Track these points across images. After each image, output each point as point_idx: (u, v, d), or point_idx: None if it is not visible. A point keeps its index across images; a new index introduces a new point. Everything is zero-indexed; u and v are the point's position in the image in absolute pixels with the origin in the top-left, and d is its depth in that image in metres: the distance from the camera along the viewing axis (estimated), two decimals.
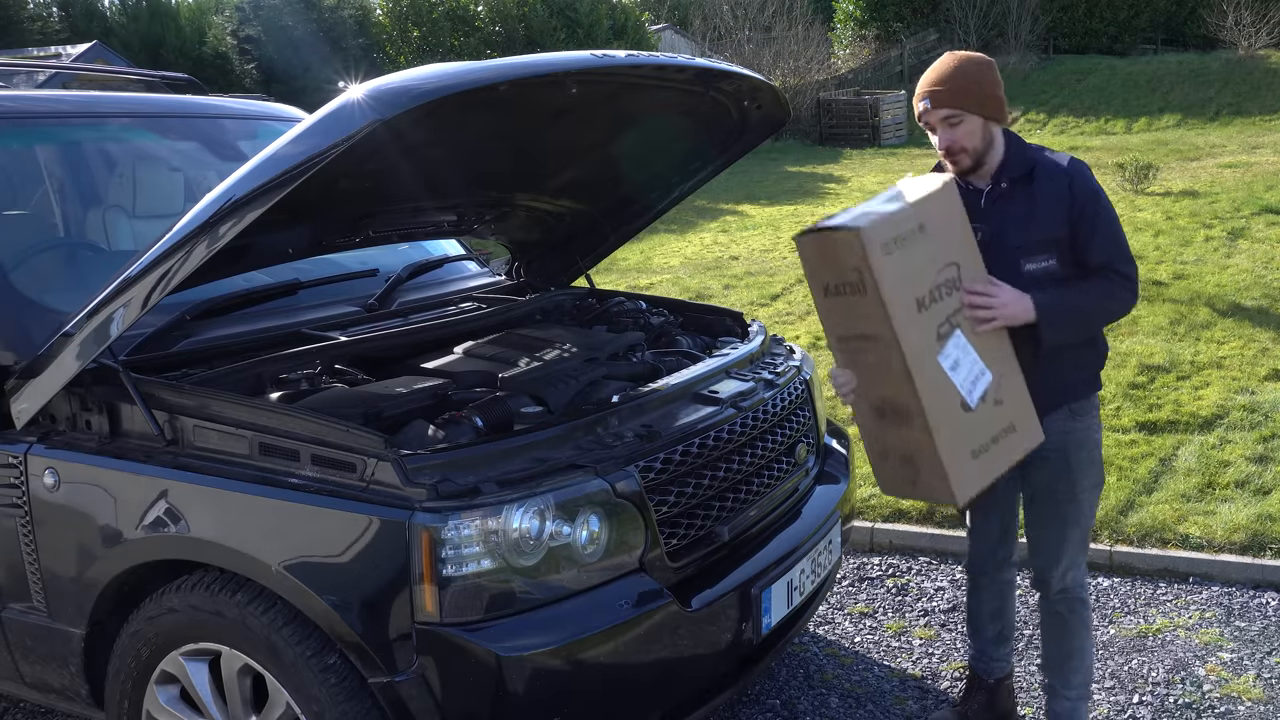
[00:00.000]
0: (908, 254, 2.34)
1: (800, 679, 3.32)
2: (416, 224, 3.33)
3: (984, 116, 2.54)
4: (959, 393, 2.38)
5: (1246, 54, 22.64)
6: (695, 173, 3.47)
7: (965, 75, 2.53)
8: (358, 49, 23.16)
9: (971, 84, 2.52)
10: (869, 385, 2.49)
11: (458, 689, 2.06)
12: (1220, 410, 5.09)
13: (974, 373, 2.42)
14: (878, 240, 2.29)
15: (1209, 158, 13.92)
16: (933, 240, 2.39)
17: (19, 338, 2.52)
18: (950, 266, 2.41)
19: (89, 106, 3.26)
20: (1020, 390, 2.51)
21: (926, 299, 2.37)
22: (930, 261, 2.38)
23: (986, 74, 2.56)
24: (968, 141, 2.54)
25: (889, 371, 2.39)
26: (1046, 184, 2.53)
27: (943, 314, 2.40)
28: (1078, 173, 2.54)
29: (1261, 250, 8.19)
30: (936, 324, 2.38)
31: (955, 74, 2.52)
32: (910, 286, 2.34)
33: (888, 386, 2.43)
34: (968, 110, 2.51)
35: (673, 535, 2.38)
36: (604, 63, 2.37)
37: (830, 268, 2.43)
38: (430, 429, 2.34)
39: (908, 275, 2.34)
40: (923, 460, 2.42)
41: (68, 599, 2.45)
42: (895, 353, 2.34)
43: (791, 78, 23.53)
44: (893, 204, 2.38)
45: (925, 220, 2.37)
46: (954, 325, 2.41)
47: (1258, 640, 3.41)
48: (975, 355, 2.43)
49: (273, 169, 2.04)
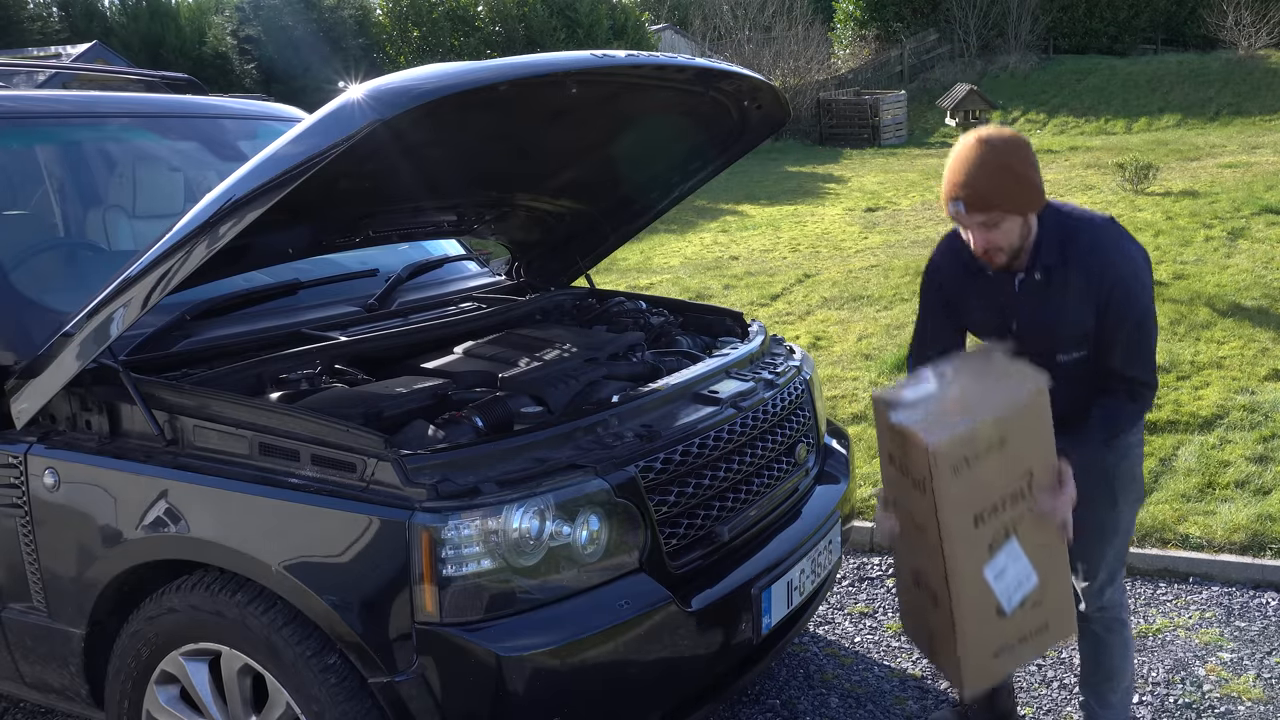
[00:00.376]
0: (979, 471, 2.23)
1: (800, 679, 3.32)
2: (416, 224, 3.33)
3: (1023, 214, 2.32)
4: (996, 599, 2.29)
5: (1246, 54, 22.64)
6: (695, 173, 3.47)
7: (1002, 173, 2.26)
8: (358, 49, 23.15)
9: (1009, 182, 2.27)
10: (909, 552, 2.45)
11: (458, 689, 2.06)
12: (1220, 410, 5.09)
13: (1019, 578, 2.33)
14: (949, 460, 2.18)
15: (1209, 158, 13.91)
16: (1010, 454, 2.26)
17: (19, 338, 2.52)
18: (1023, 477, 2.29)
19: (89, 106, 3.26)
20: (1063, 590, 2.41)
21: (987, 514, 2.26)
22: (1001, 475, 2.26)
23: (1023, 165, 2.28)
24: (1005, 241, 2.34)
25: (930, 561, 2.33)
26: (1079, 275, 2.34)
27: (1001, 525, 2.29)
28: (1110, 265, 2.32)
29: (1261, 250, 8.19)
30: (991, 536, 2.28)
31: (990, 173, 2.26)
32: (972, 503, 2.24)
33: (926, 569, 2.38)
34: (1007, 212, 2.29)
35: (673, 535, 2.38)
36: (604, 63, 2.37)
37: (896, 445, 2.33)
38: (430, 429, 2.34)
39: (973, 493, 2.24)
40: (941, 644, 2.38)
41: (68, 599, 2.45)
42: (938, 557, 2.27)
43: (791, 78, 23.53)
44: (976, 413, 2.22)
45: (1007, 434, 2.23)
46: (1010, 534, 2.30)
47: (1258, 640, 3.41)
48: (1026, 561, 2.32)
49: (273, 169, 2.04)
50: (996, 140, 2.29)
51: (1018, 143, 2.30)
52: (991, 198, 2.27)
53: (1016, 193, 2.28)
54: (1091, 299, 2.34)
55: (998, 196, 2.27)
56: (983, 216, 2.30)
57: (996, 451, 2.23)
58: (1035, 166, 2.31)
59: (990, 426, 2.21)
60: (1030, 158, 2.30)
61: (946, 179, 2.33)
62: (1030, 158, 2.30)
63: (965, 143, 2.32)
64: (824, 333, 7.08)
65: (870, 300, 7.77)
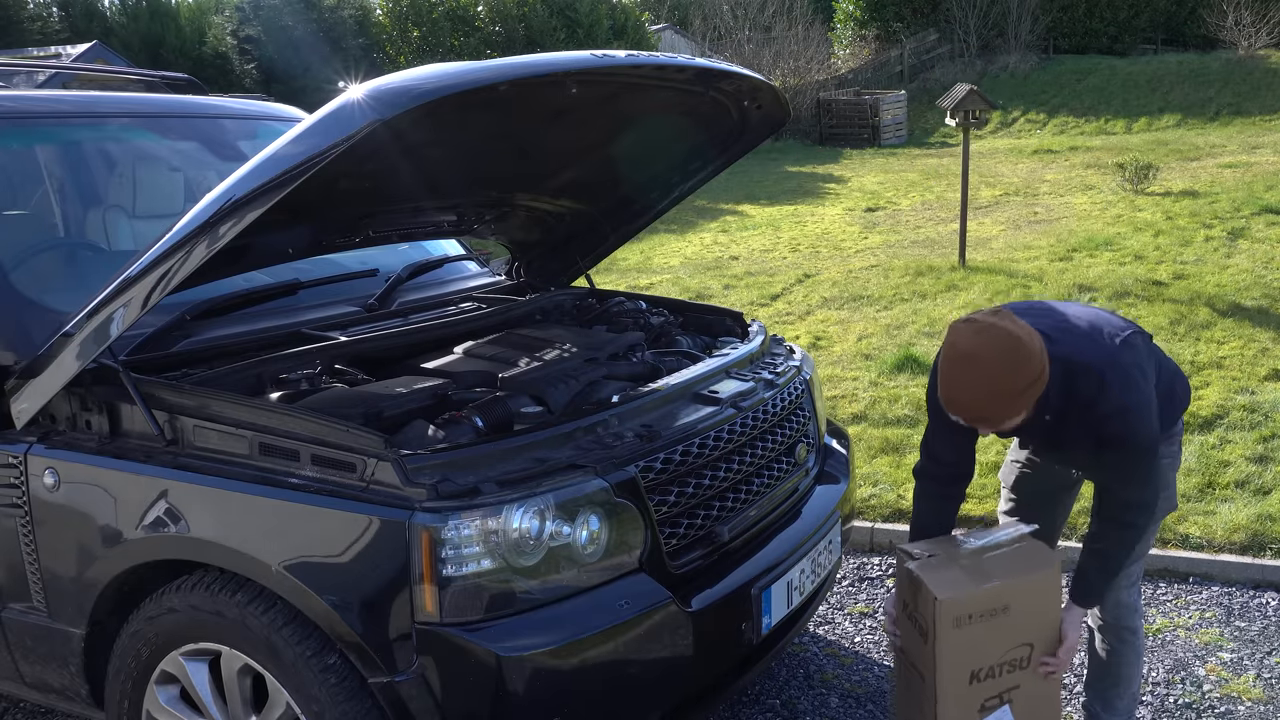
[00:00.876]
0: (979, 631, 2.35)
1: (800, 679, 3.32)
2: (416, 224, 3.33)
3: (1029, 407, 2.28)
4: None
5: (1246, 54, 22.63)
6: (695, 173, 3.47)
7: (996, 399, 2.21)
8: (358, 49, 23.15)
9: (1004, 403, 2.22)
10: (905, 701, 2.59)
11: (458, 689, 2.06)
12: (1220, 410, 5.09)
13: None
14: (952, 614, 2.32)
15: (1209, 158, 13.91)
16: (1014, 620, 2.38)
17: (19, 338, 2.52)
18: (1024, 647, 2.41)
19: (89, 106, 3.26)
20: None
21: (984, 673, 2.39)
22: (1001, 640, 2.38)
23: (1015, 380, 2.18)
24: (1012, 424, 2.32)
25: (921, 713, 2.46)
26: (1079, 428, 2.35)
27: (997, 689, 2.41)
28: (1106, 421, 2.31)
29: (1261, 250, 8.19)
30: (985, 697, 2.40)
31: (986, 399, 2.22)
32: (971, 660, 2.37)
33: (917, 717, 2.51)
34: (1012, 418, 2.27)
35: (673, 535, 2.38)
36: (604, 63, 2.37)
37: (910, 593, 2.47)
38: (430, 429, 2.34)
39: (972, 651, 2.36)
40: None
41: (68, 599, 2.45)
42: (931, 705, 2.39)
43: (791, 78, 23.52)
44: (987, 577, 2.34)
45: (1013, 602, 2.36)
46: (1005, 700, 2.42)
47: (1258, 640, 3.41)
48: None
49: (273, 169, 2.04)
50: (985, 359, 2.17)
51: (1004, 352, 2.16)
52: (991, 418, 2.26)
53: (1013, 406, 2.23)
54: (1095, 439, 2.36)
55: (997, 416, 2.25)
56: (985, 429, 2.34)
57: (1000, 616, 2.36)
58: (1026, 370, 2.17)
59: (997, 591, 2.35)
60: (1020, 362, 2.17)
61: (942, 389, 2.26)
62: (1020, 362, 2.17)
63: (955, 352, 2.22)
64: (824, 333, 7.08)
65: (870, 300, 7.77)
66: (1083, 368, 2.31)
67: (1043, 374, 2.22)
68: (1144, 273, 7.73)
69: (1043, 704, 2.48)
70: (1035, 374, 2.20)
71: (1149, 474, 2.38)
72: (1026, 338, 2.19)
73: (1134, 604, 2.66)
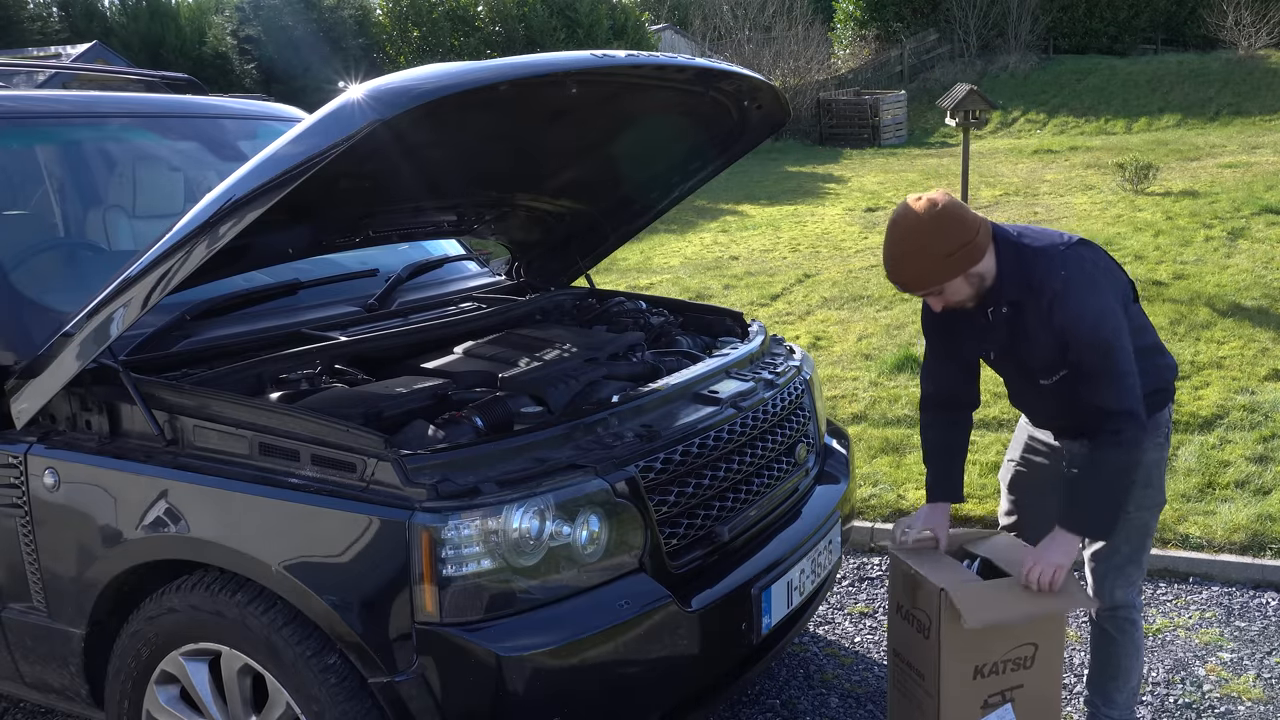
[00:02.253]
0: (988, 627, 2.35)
1: (800, 679, 3.32)
2: (416, 224, 3.33)
3: (961, 273, 2.37)
4: None
5: (1246, 54, 22.63)
6: (695, 173, 3.47)
7: (919, 257, 2.34)
8: (358, 49, 23.15)
9: (929, 264, 2.35)
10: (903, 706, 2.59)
11: (458, 689, 2.06)
12: (1220, 410, 5.09)
13: None
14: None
15: (1209, 158, 13.91)
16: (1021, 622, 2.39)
17: (19, 338, 2.52)
18: (1028, 646, 2.40)
19: (89, 106, 3.26)
20: None
21: (987, 669, 2.38)
22: (1009, 637, 2.38)
23: (940, 241, 2.32)
24: (959, 297, 2.43)
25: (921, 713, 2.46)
26: (1034, 313, 2.39)
27: (999, 685, 2.40)
28: (1056, 302, 2.35)
29: (1261, 250, 8.19)
30: (989, 693, 2.39)
31: (911, 260, 2.36)
32: (974, 655, 2.36)
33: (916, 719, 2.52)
34: (939, 282, 2.38)
35: (673, 535, 2.38)
36: (604, 63, 2.37)
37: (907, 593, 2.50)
38: (430, 429, 2.34)
39: (976, 645, 2.35)
40: None
41: (68, 599, 2.45)
42: (934, 701, 2.39)
43: (791, 78, 23.52)
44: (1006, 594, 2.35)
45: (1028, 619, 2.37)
46: (1007, 699, 2.41)
47: (1258, 640, 3.41)
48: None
49: (273, 169, 2.04)
50: (908, 222, 2.35)
51: (930, 218, 2.32)
52: (920, 280, 2.39)
53: (941, 269, 2.35)
54: (1052, 334, 2.39)
55: (925, 278, 2.38)
56: (922, 292, 2.42)
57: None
58: (956, 229, 2.32)
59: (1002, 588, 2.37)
60: (946, 224, 2.31)
61: (884, 262, 2.43)
62: (946, 224, 2.31)
63: (891, 219, 2.40)
64: (824, 333, 7.08)
65: (870, 300, 7.77)
66: (1037, 253, 2.39)
67: (974, 243, 2.33)
68: (1144, 273, 7.73)
69: (1044, 705, 2.48)
70: (965, 239, 2.32)
71: (1119, 371, 2.33)
72: (958, 208, 2.34)
73: (1132, 600, 2.66)
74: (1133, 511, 2.55)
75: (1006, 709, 2.41)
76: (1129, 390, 2.35)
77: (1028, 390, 2.64)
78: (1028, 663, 2.40)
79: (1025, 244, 2.42)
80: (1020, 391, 2.69)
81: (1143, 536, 2.61)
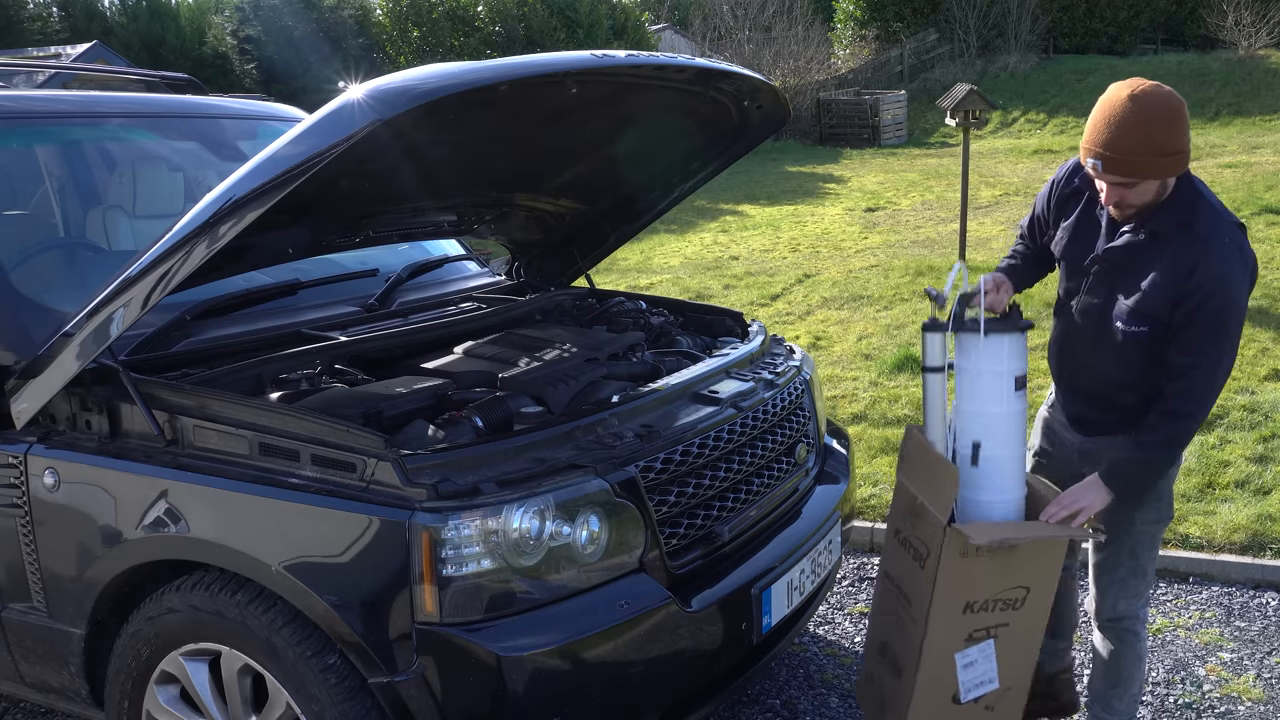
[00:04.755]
0: (984, 564, 2.35)
1: (800, 679, 3.32)
2: (416, 224, 3.33)
3: (1163, 177, 2.24)
4: (958, 686, 2.42)
5: (1246, 54, 22.64)
6: (695, 173, 3.48)
7: (1148, 143, 2.16)
8: (358, 49, 23.14)
9: (1153, 154, 2.18)
10: (883, 623, 2.60)
11: (458, 689, 2.06)
12: (1220, 410, 5.09)
13: (984, 677, 2.44)
14: (959, 542, 2.31)
15: (1209, 158, 13.91)
16: (1018, 562, 2.38)
17: (19, 338, 2.52)
18: (1020, 589, 2.40)
19: (89, 106, 3.26)
20: (1016, 709, 2.53)
21: (978, 605, 2.38)
22: (1000, 578, 2.38)
23: (1172, 135, 2.18)
24: (1138, 200, 2.27)
25: (905, 634, 2.47)
26: (1172, 253, 2.26)
27: (986, 622, 2.41)
28: (1207, 265, 2.21)
29: (1261, 250, 8.18)
30: (973, 628, 2.41)
31: (1136, 140, 2.16)
32: (967, 591, 2.37)
33: (897, 641, 2.52)
34: (1145, 178, 2.22)
35: (673, 535, 2.38)
36: (604, 63, 2.37)
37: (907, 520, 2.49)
38: (430, 429, 2.34)
39: (970, 582, 2.36)
40: (890, 713, 2.55)
41: (68, 599, 2.45)
42: (920, 626, 2.40)
43: (791, 78, 23.53)
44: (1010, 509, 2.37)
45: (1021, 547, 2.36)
46: (992, 635, 2.43)
47: (1258, 640, 3.41)
48: (995, 665, 2.44)
49: (273, 169, 2.04)
50: (1149, 102, 2.17)
51: (1170, 107, 2.17)
52: (1133, 167, 2.19)
53: (1160, 165, 2.19)
54: (1175, 286, 2.25)
55: (1140, 167, 2.19)
56: (1120, 179, 2.22)
57: (1004, 555, 2.35)
58: (1185, 133, 2.20)
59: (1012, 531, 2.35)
60: (1181, 123, 2.19)
61: (1090, 130, 2.23)
62: (1181, 123, 2.19)
63: (1117, 95, 2.20)
64: (824, 333, 7.08)
65: (870, 300, 7.77)
66: (1211, 207, 2.28)
67: (1183, 160, 2.21)
68: None
69: (1026, 646, 2.49)
70: (1182, 148, 2.19)
71: (1219, 351, 2.23)
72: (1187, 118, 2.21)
73: (1136, 612, 2.64)
74: (1139, 524, 2.54)
75: (989, 644, 2.42)
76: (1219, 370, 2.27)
77: (1084, 340, 2.50)
78: (1018, 604, 2.40)
79: (1203, 193, 2.31)
80: (1074, 340, 2.54)
81: (1148, 550, 2.57)
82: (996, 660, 2.43)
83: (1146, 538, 2.56)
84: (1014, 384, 2.39)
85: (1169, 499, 2.55)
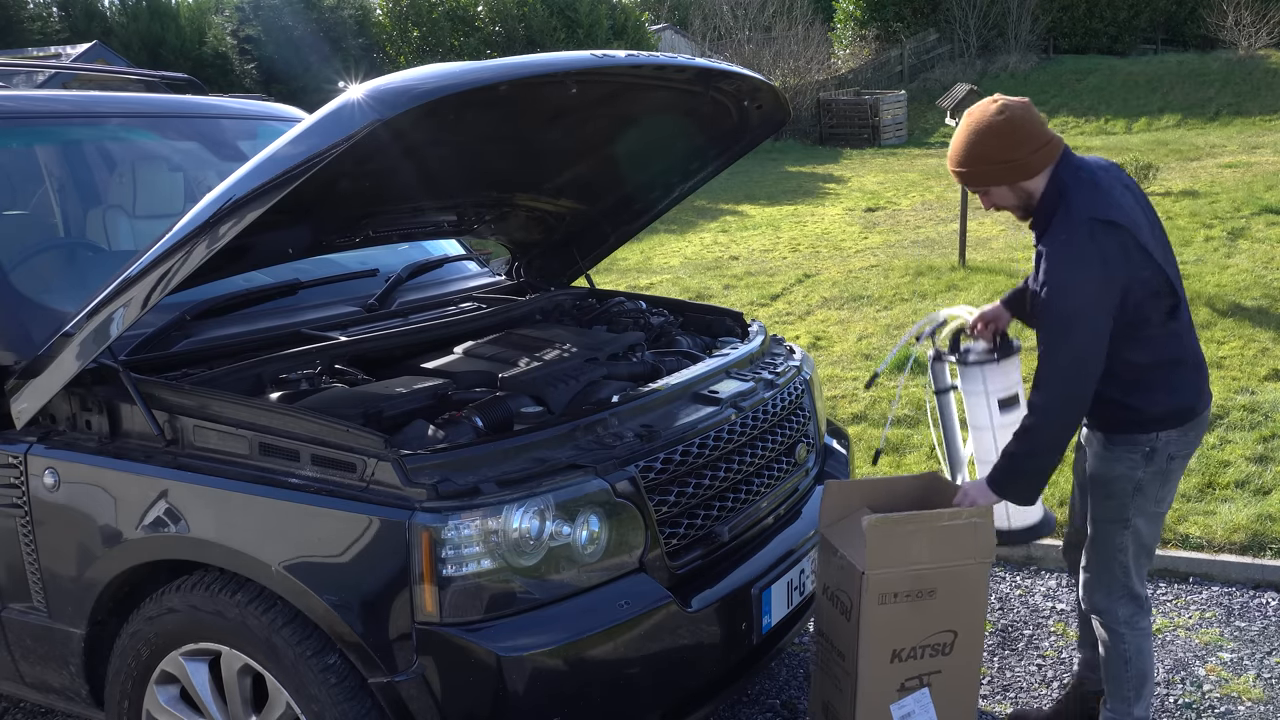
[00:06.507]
0: (906, 610, 2.39)
1: (800, 679, 3.32)
2: (416, 224, 3.33)
3: (1008, 183, 2.45)
4: None
5: (1246, 54, 22.64)
6: (695, 173, 3.48)
7: (977, 156, 2.43)
8: (358, 49, 23.14)
9: (984, 166, 2.43)
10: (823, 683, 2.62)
11: (458, 689, 2.06)
12: (1220, 410, 5.09)
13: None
14: (878, 589, 2.36)
15: (1209, 158, 13.91)
16: (940, 606, 2.41)
17: (19, 338, 2.52)
18: (947, 633, 2.44)
19: (89, 106, 3.25)
20: None
21: (905, 653, 2.42)
22: (925, 623, 2.42)
23: (1001, 143, 2.39)
24: (1002, 202, 2.50)
25: (842, 691, 2.50)
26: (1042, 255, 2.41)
27: (917, 670, 2.45)
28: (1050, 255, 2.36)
29: (1261, 250, 8.19)
30: (905, 677, 2.44)
31: (970, 154, 2.44)
32: (893, 639, 2.40)
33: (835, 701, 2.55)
34: (989, 185, 2.47)
35: (673, 535, 2.38)
36: (604, 63, 2.37)
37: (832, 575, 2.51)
38: (430, 429, 2.34)
39: (895, 629, 2.39)
40: None
41: (68, 599, 2.45)
42: (851, 682, 2.43)
43: (791, 78, 23.53)
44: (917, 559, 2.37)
45: (940, 585, 2.39)
46: (925, 683, 2.46)
47: (1258, 640, 3.41)
48: (933, 713, 2.48)
49: (273, 169, 2.04)
50: (976, 117, 2.43)
51: (994, 121, 2.39)
52: (971, 177, 2.47)
53: (992, 173, 2.43)
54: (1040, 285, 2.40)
55: (976, 177, 2.46)
56: (972, 188, 2.51)
57: (926, 599, 2.40)
58: (1018, 143, 2.37)
59: (927, 571, 2.38)
60: (1010, 134, 2.37)
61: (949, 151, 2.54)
62: (1010, 134, 2.37)
63: (964, 114, 2.49)
64: (824, 333, 7.08)
65: (870, 300, 7.77)
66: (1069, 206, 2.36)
67: (1024, 160, 2.38)
68: None
69: (962, 692, 2.50)
70: (1020, 155, 2.37)
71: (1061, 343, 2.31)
72: (1027, 121, 2.39)
73: (1108, 608, 2.61)
74: (1097, 520, 2.58)
75: (924, 693, 2.45)
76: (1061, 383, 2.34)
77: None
78: (947, 649, 2.44)
79: (1064, 191, 2.39)
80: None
81: (1113, 549, 2.55)
82: (934, 709, 2.46)
83: (1104, 536, 2.56)
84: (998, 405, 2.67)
85: (1124, 500, 2.51)
